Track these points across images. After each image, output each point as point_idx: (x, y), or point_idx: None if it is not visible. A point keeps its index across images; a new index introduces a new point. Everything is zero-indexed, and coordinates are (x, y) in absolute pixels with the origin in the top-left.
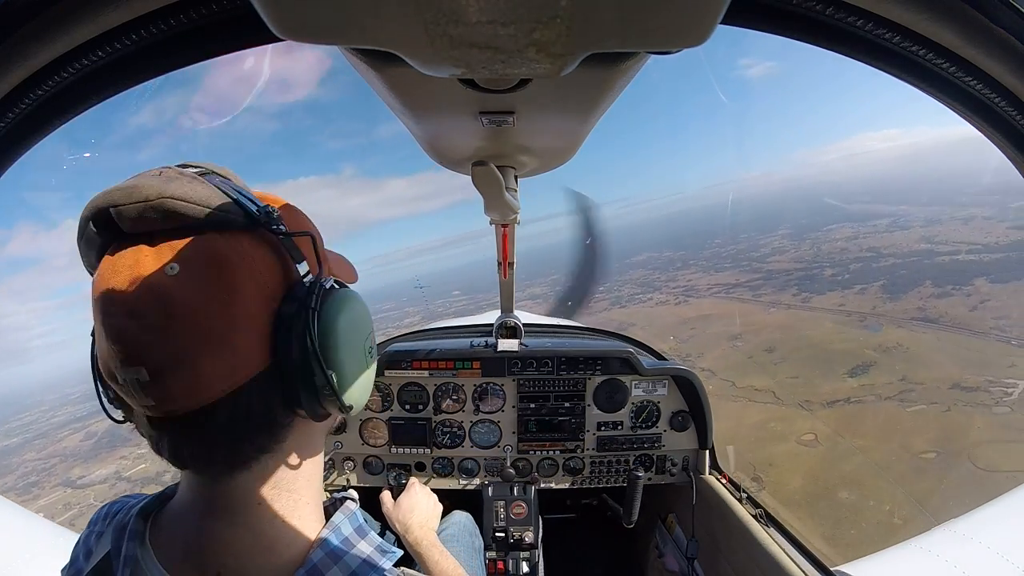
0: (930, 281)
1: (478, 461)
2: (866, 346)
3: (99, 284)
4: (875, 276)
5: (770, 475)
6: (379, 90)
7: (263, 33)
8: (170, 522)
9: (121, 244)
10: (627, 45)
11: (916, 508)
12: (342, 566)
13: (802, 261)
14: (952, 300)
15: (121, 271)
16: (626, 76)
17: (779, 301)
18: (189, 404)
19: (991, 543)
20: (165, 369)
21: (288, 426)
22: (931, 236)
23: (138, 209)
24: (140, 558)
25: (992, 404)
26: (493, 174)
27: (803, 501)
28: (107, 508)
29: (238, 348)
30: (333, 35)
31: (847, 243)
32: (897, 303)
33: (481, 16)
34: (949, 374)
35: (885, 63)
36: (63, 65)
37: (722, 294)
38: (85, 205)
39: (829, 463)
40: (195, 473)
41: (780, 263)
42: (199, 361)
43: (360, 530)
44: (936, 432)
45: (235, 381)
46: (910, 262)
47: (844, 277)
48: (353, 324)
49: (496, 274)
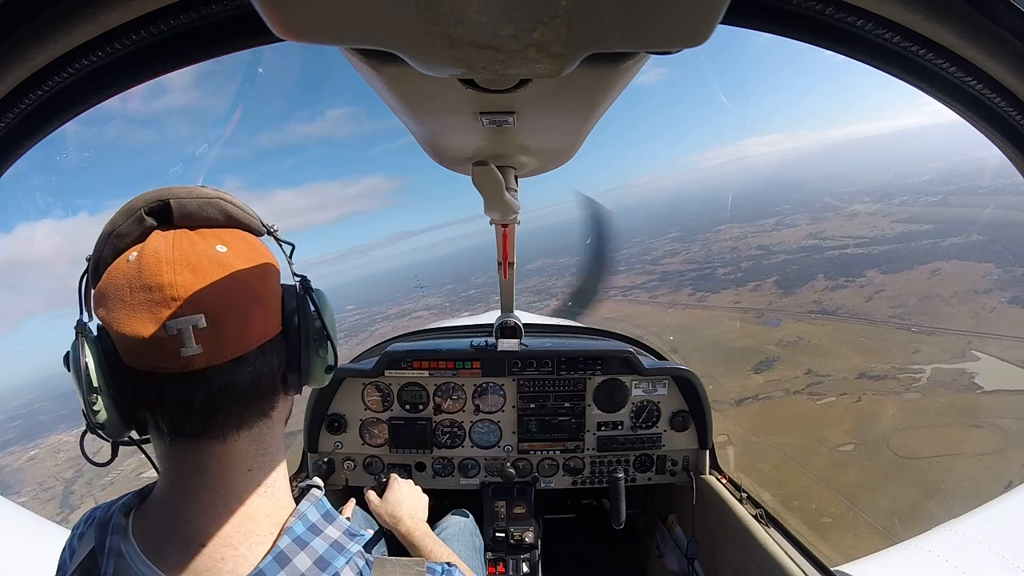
0: (822, 275)
1: (478, 461)
2: (767, 342)
3: (150, 252)
4: (767, 272)
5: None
6: (379, 90)
7: (263, 33)
8: (154, 509)
9: (168, 230)
10: (627, 45)
11: (844, 505)
12: (309, 551)
13: (694, 261)
14: (847, 292)
15: (180, 244)
16: (626, 76)
17: (676, 301)
18: (234, 350)
19: (991, 543)
20: (222, 315)
21: (277, 396)
22: (817, 232)
23: (199, 203)
24: (123, 550)
25: (902, 391)
26: (493, 174)
27: None
28: (89, 513)
29: (270, 309)
30: (333, 35)
31: (736, 242)
32: (792, 297)
33: (481, 16)
34: (854, 364)
35: (885, 63)
36: (63, 65)
37: (620, 296)
38: (132, 199)
39: (746, 463)
40: (208, 435)
41: (673, 264)
42: (250, 311)
43: (328, 515)
44: (850, 423)
45: (266, 335)
46: (800, 257)
47: (737, 275)
48: (331, 310)
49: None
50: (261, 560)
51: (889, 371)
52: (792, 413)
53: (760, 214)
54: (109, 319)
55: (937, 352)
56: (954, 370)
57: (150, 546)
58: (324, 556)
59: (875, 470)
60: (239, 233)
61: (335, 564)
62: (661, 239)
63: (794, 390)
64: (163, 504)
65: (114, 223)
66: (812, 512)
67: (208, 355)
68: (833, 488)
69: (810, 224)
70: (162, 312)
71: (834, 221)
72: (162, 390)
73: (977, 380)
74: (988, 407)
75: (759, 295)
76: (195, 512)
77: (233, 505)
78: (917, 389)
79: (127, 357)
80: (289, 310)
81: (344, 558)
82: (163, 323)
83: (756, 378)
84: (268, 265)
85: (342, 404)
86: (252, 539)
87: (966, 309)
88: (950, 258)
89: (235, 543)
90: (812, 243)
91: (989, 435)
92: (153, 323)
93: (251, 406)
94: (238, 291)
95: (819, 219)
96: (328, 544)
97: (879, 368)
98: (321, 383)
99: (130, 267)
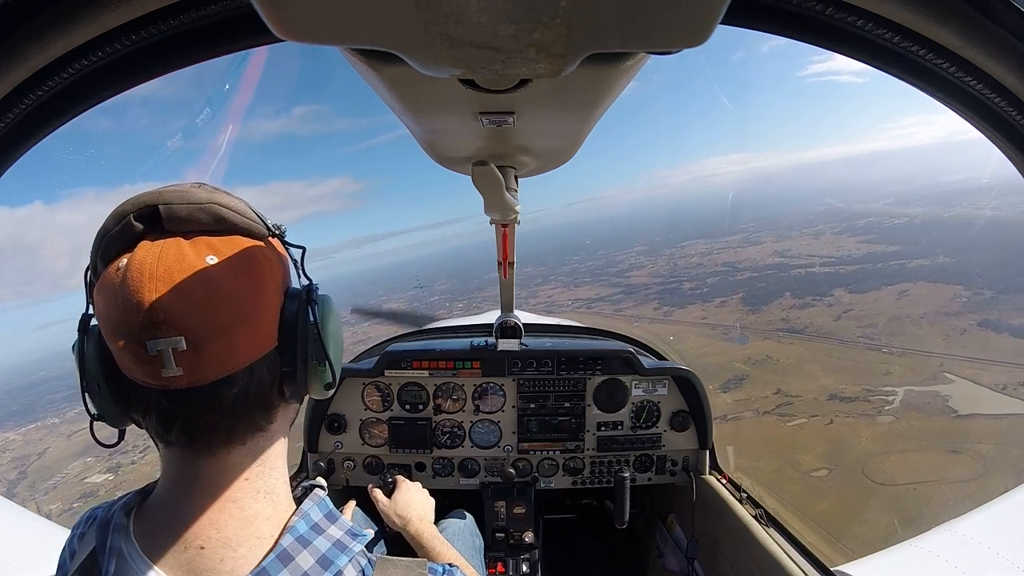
0: (789, 293)
1: (478, 461)
2: (735, 359)
3: (136, 266)
4: (734, 289)
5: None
6: (379, 90)
7: (263, 33)
8: (153, 509)
9: (157, 237)
10: (627, 45)
11: (820, 534)
12: (312, 550)
13: (660, 275)
14: (814, 310)
15: (166, 256)
16: (626, 76)
17: (642, 315)
18: (218, 372)
19: (991, 543)
20: (204, 338)
21: (276, 408)
22: (783, 250)
23: (189, 209)
24: (124, 549)
25: (875, 413)
26: (493, 174)
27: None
28: (90, 512)
29: (261, 327)
30: (333, 35)
31: (702, 258)
32: (759, 315)
33: (481, 16)
34: (824, 384)
35: (885, 63)
36: (63, 66)
37: (584, 308)
38: (123, 202)
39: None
40: (193, 449)
41: (639, 277)
42: (234, 332)
43: (330, 515)
44: (823, 447)
45: (255, 355)
46: (767, 275)
47: (703, 291)
48: (337, 321)
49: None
50: (264, 558)
51: (860, 393)
52: (762, 435)
53: (726, 231)
54: (101, 326)
55: (909, 374)
56: (927, 392)
57: (151, 546)
58: (327, 555)
59: (851, 498)
60: (234, 240)
61: (337, 563)
62: (627, 252)
63: (764, 410)
64: (163, 505)
65: (106, 227)
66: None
67: (189, 376)
68: (810, 516)
69: (776, 242)
70: (142, 331)
71: (800, 240)
72: (148, 401)
73: (951, 403)
74: (964, 432)
75: (726, 311)
76: (193, 515)
77: (231, 510)
78: (890, 412)
79: (118, 363)
80: (289, 320)
81: (347, 557)
82: (144, 342)
83: (724, 397)
84: (264, 276)
85: (342, 404)
86: (251, 541)
87: (936, 331)
88: (918, 279)
89: (234, 545)
90: (778, 261)
91: (968, 461)
92: (134, 341)
93: (241, 422)
94: (223, 311)
95: (784, 237)
96: (331, 543)
97: (850, 389)
98: (320, 396)
99: (117, 277)
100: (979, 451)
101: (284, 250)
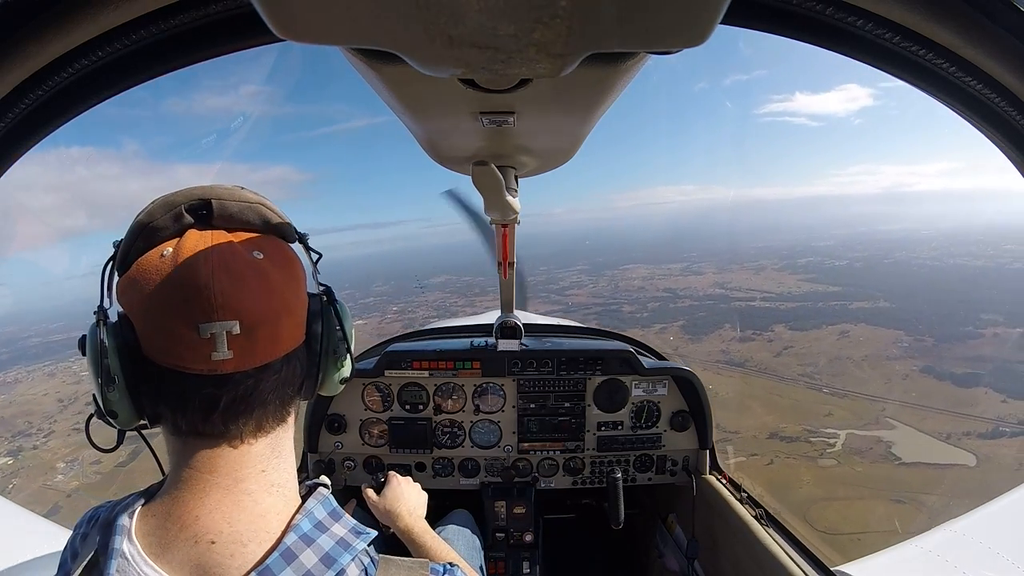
0: (729, 324)
1: (478, 461)
2: None
3: (189, 252)
4: (674, 316)
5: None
6: (379, 90)
7: (263, 33)
8: (160, 507)
9: (204, 229)
10: (627, 45)
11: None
12: (315, 548)
13: (600, 296)
14: (754, 344)
15: (219, 245)
16: (626, 76)
17: None
18: (265, 357)
19: (991, 543)
20: (257, 324)
21: (294, 401)
22: (724, 282)
23: (240, 207)
24: (126, 550)
25: (816, 456)
26: (493, 174)
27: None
28: (92, 512)
29: (298, 320)
30: (333, 35)
31: (643, 282)
32: (699, 344)
33: (481, 16)
34: (764, 422)
35: (885, 63)
36: (63, 65)
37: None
38: (171, 193)
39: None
40: (225, 438)
41: (579, 297)
42: (280, 322)
43: (334, 513)
44: (763, 487)
45: (292, 345)
46: (707, 304)
47: (643, 315)
48: (351, 324)
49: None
50: (267, 555)
51: (801, 433)
52: None
53: (668, 258)
54: (136, 312)
55: (850, 416)
56: (870, 437)
57: (154, 546)
58: (330, 553)
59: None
60: (275, 240)
61: (341, 561)
62: (568, 270)
63: None
64: (171, 501)
65: (151, 215)
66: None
67: (238, 361)
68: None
69: (717, 273)
70: (197, 314)
71: (740, 273)
72: (185, 389)
73: (895, 450)
74: (908, 481)
75: (665, 339)
76: (206, 510)
77: (246, 504)
78: (832, 455)
79: (152, 352)
80: (313, 320)
81: (350, 555)
82: (197, 325)
83: None
84: (299, 275)
85: (342, 404)
86: (262, 536)
87: (878, 374)
88: (859, 321)
89: (245, 540)
90: (719, 292)
91: (913, 511)
92: (186, 323)
93: (271, 412)
94: (273, 300)
95: (725, 269)
96: (334, 541)
97: (791, 429)
98: (333, 392)
99: (164, 263)
100: (925, 502)
101: (307, 254)
